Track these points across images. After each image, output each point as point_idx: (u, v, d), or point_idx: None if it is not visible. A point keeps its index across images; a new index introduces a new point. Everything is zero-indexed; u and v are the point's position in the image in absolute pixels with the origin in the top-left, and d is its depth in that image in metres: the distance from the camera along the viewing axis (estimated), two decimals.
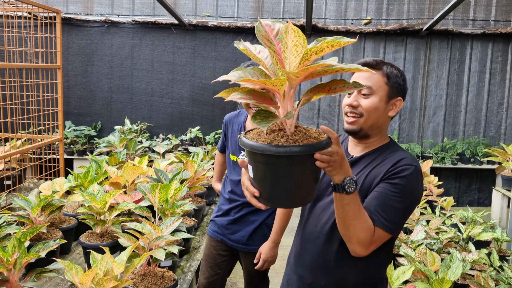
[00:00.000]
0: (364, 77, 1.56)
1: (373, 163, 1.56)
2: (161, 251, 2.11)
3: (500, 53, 6.56)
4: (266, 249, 2.40)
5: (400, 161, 1.51)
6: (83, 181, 3.24)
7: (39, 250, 2.03)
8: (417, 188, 1.50)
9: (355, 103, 1.55)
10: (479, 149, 6.39)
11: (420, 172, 1.52)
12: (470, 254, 2.59)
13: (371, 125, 1.56)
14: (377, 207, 1.44)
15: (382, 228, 1.43)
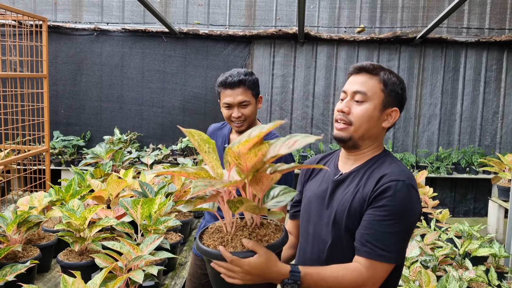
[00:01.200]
0: (359, 82, 1.44)
1: (360, 180, 1.42)
2: (139, 273, 1.98)
3: (495, 61, 6.49)
4: None
5: (383, 178, 1.35)
6: (64, 195, 3.11)
7: (6, 273, 1.90)
8: (409, 206, 1.31)
9: (346, 109, 1.42)
10: (474, 159, 6.30)
11: (411, 186, 1.34)
12: (467, 272, 2.47)
13: (362, 135, 1.43)
14: (369, 238, 1.29)
15: (379, 260, 1.27)
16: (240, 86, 2.22)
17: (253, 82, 2.25)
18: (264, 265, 1.15)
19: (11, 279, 1.87)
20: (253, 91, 2.26)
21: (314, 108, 6.53)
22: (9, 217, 2.68)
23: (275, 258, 1.18)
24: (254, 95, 2.27)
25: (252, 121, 2.31)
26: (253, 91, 2.26)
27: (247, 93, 2.23)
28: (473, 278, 2.43)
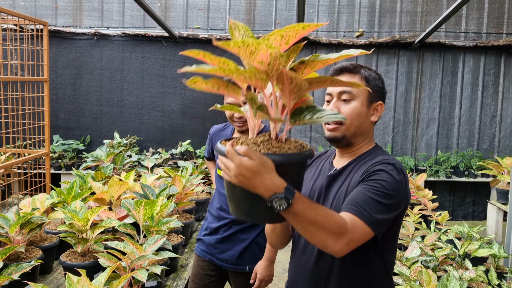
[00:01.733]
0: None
1: (352, 173, 1.47)
2: (143, 272, 1.99)
3: (493, 65, 6.54)
4: (262, 268, 2.30)
5: (377, 162, 1.41)
6: (66, 197, 3.12)
7: (12, 272, 1.91)
8: (398, 186, 1.35)
9: (336, 110, 1.46)
10: (473, 162, 6.33)
11: (401, 171, 1.39)
12: (467, 272, 2.49)
13: (354, 132, 1.48)
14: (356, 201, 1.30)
15: (362, 219, 1.26)
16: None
17: None
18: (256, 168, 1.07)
19: (16, 278, 1.88)
20: None
21: None
22: (12, 218, 2.69)
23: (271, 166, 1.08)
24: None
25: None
26: None
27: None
28: (473, 278, 2.44)
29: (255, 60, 1.00)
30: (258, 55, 0.98)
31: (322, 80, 1.08)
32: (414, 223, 3.57)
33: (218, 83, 1.08)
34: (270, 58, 0.98)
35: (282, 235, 1.50)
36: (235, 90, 1.11)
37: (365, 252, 1.40)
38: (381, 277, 1.46)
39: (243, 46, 0.97)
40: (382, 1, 6.44)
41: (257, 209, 1.13)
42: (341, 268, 1.43)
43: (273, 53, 0.97)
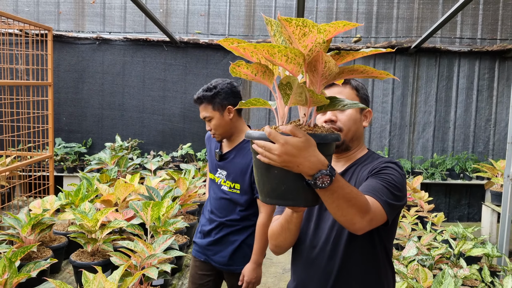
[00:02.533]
0: (336, 92, 1.57)
1: (356, 174, 1.58)
2: (153, 270, 2.09)
3: (487, 70, 6.68)
4: (249, 271, 2.35)
5: (382, 161, 1.54)
6: (74, 199, 3.22)
7: (30, 269, 2.01)
8: (400, 179, 1.49)
9: (334, 117, 1.56)
10: (468, 165, 6.46)
11: (402, 170, 1.53)
12: (462, 270, 2.60)
13: (352, 137, 1.59)
14: (369, 188, 1.41)
15: (377, 200, 1.37)
16: (201, 103, 2.32)
17: (211, 97, 2.29)
18: (303, 145, 1.10)
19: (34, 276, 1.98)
20: (214, 105, 2.29)
21: (310, 116, 6.66)
22: (23, 219, 2.79)
23: (315, 144, 1.12)
24: (216, 108, 2.30)
25: (224, 132, 2.36)
26: (214, 105, 2.29)
27: (207, 109, 2.30)
28: (468, 276, 2.55)
29: (303, 42, 1.06)
30: (307, 38, 1.05)
31: (353, 69, 1.15)
32: (410, 224, 3.68)
33: (258, 68, 1.14)
34: (313, 44, 1.06)
35: (295, 232, 1.53)
36: (269, 78, 1.17)
37: (371, 242, 1.51)
38: (385, 265, 1.57)
39: (302, 26, 1.02)
40: (379, 7, 6.57)
41: (296, 190, 1.16)
42: (352, 261, 1.52)
43: (318, 39, 1.05)
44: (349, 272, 1.53)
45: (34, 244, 2.21)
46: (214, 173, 2.49)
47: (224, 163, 2.41)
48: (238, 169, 2.36)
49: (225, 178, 2.40)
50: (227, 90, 2.33)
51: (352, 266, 1.52)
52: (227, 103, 2.31)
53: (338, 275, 1.53)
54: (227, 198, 2.39)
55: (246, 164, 2.35)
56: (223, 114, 2.32)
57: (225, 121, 2.32)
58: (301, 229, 1.61)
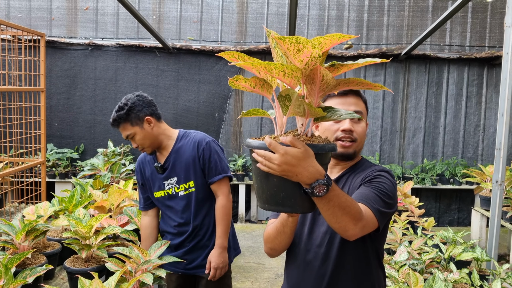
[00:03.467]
0: (353, 103, 1.64)
1: (349, 181, 1.64)
2: (149, 276, 2.11)
3: (476, 76, 6.79)
4: (215, 256, 2.34)
5: (375, 169, 1.60)
6: (67, 205, 3.23)
7: (26, 276, 2.02)
8: (392, 188, 1.55)
9: (352, 128, 1.62)
10: (457, 170, 6.54)
11: (394, 178, 1.60)
12: (452, 274, 2.65)
13: (361, 148, 1.68)
14: (361, 196, 1.47)
15: (369, 208, 1.43)
16: (118, 125, 2.33)
17: (126, 114, 2.29)
18: (302, 156, 1.14)
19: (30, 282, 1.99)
20: (131, 121, 2.30)
21: None
22: (17, 225, 2.79)
23: (313, 154, 1.17)
24: (135, 123, 2.30)
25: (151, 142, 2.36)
26: (131, 121, 2.30)
27: (126, 127, 2.32)
28: (457, 280, 2.60)
29: (298, 57, 1.11)
30: (302, 54, 1.09)
31: (350, 81, 1.20)
32: (401, 229, 3.73)
33: (256, 82, 1.18)
34: (309, 59, 1.10)
35: (290, 235, 1.57)
36: (268, 90, 1.21)
37: (364, 246, 1.57)
38: (376, 268, 1.63)
39: (295, 43, 1.07)
40: (369, 15, 6.66)
41: (293, 197, 1.21)
42: (344, 264, 1.57)
43: (313, 54, 1.09)
44: (342, 275, 1.57)
45: (30, 251, 2.22)
46: (163, 188, 2.44)
47: (169, 172, 2.40)
48: (183, 169, 2.38)
49: (177, 184, 2.40)
50: (139, 102, 2.34)
51: (345, 269, 1.57)
52: (144, 115, 2.32)
53: (331, 278, 1.57)
54: (188, 200, 2.40)
55: (187, 160, 2.37)
56: (143, 126, 2.32)
57: (148, 132, 2.33)
58: (296, 233, 1.65)
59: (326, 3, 6.64)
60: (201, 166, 2.37)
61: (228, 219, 2.39)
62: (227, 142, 6.80)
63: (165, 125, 2.45)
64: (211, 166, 2.36)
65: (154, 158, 2.47)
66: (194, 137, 2.42)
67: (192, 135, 2.44)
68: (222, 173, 2.38)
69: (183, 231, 2.44)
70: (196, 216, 2.42)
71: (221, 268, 2.35)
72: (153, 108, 2.39)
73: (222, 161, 2.42)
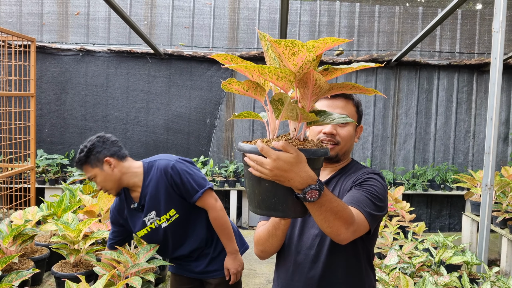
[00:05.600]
0: (340, 106, 1.63)
1: (340, 183, 1.64)
2: (137, 279, 2.09)
3: (466, 83, 6.85)
4: (231, 262, 2.38)
5: (365, 172, 1.61)
6: (56, 210, 3.20)
7: (12, 280, 1.99)
8: (382, 190, 1.55)
9: (334, 132, 1.62)
10: (448, 176, 6.58)
11: (384, 180, 1.60)
12: (442, 277, 2.65)
13: (345, 151, 1.66)
14: (352, 199, 1.47)
15: (360, 211, 1.42)
16: (81, 167, 2.30)
17: (85, 157, 2.26)
18: (294, 161, 1.14)
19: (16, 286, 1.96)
20: (90, 163, 2.27)
21: None
22: (5, 230, 2.76)
23: (305, 159, 1.16)
24: (95, 165, 2.27)
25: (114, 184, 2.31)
26: (90, 163, 2.27)
27: (87, 169, 2.29)
28: (448, 283, 2.60)
29: (292, 61, 1.10)
30: (297, 57, 1.09)
31: (343, 86, 1.20)
32: (392, 234, 3.73)
33: (249, 85, 1.18)
34: (303, 62, 1.10)
35: (282, 238, 1.57)
36: (261, 93, 1.21)
37: (354, 248, 1.56)
38: (367, 269, 1.63)
39: (291, 46, 1.07)
40: (360, 22, 6.71)
41: (285, 202, 1.20)
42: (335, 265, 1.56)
43: (308, 57, 1.09)
44: (332, 276, 1.57)
45: (16, 255, 2.19)
46: (144, 226, 2.38)
47: (147, 208, 2.34)
48: (161, 201, 2.32)
49: (158, 217, 2.35)
50: (98, 144, 2.30)
51: (335, 271, 1.57)
52: (103, 156, 2.28)
53: (322, 280, 1.56)
54: (175, 229, 2.36)
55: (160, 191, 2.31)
56: (103, 167, 2.28)
57: (108, 173, 2.29)
58: (286, 235, 1.64)
59: (317, 10, 6.69)
60: (177, 193, 2.31)
61: (226, 227, 2.37)
62: (219, 148, 6.79)
63: (129, 162, 2.37)
64: (186, 188, 2.29)
65: (129, 199, 2.41)
66: (158, 166, 2.33)
67: (156, 164, 2.36)
68: (200, 189, 2.31)
69: (180, 256, 2.44)
70: (187, 238, 2.40)
71: (239, 271, 2.41)
72: (114, 149, 2.33)
73: (195, 176, 2.34)
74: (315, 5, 6.70)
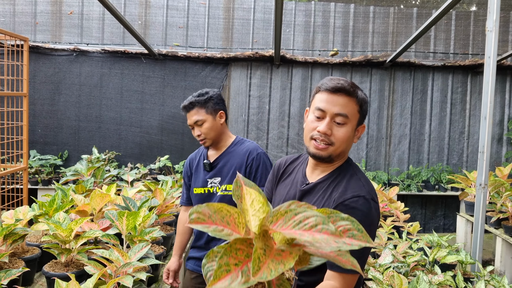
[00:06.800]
0: (340, 104, 1.49)
1: (326, 191, 1.52)
2: (128, 278, 2.06)
3: (460, 84, 6.86)
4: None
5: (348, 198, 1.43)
6: (48, 209, 3.16)
7: (1, 278, 1.96)
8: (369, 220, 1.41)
9: (329, 131, 1.49)
10: (443, 176, 6.58)
11: (372, 201, 1.45)
12: (436, 276, 2.64)
13: (340, 153, 1.53)
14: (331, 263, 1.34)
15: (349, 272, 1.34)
16: (193, 108, 2.41)
17: (205, 101, 2.41)
18: None
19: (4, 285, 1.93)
20: (207, 109, 2.41)
21: (290, 128, 6.73)
22: None
23: None
24: (209, 112, 2.41)
25: (215, 135, 2.47)
26: (207, 109, 2.41)
27: (200, 113, 2.41)
28: (442, 282, 2.59)
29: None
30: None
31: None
32: (387, 234, 3.72)
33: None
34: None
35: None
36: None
37: None
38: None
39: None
40: (355, 22, 6.71)
41: None
42: None
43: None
44: None
45: (6, 253, 2.16)
46: (204, 185, 2.52)
47: (215, 170, 2.48)
48: (230, 172, 2.44)
49: (219, 184, 2.47)
50: (218, 96, 2.47)
51: None
52: (219, 108, 2.45)
53: None
54: (222, 201, 2.43)
55: (238, 164, 2.43)
56: (216, 118, 2.43)
57: (217, 125, 2.44)
58: None
59: (312, 10, 6.68)
60: (246, 175, 2.42)
61: None
62: None
63: (228, 129, 2.57)
64: (256, 177, 2.41)
65: (205, 155, 2.56)
66: (248, 146, 2.50)
67: (246, 143, 2.53)
68: (260, 186, 2.36)
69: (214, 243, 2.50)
70: None
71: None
72: (225, 108, 2.52)
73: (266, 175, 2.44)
74: (310, 5, 6.70)
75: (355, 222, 0.94)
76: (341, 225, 0.94)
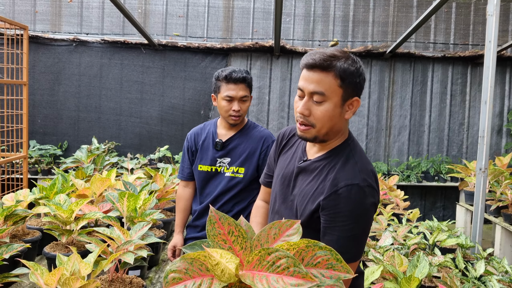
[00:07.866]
0: (315, 81, 1.37)
1: (322, 172, 1.45)
2: (130, 255, 2.07)
3: (460, 75, 6.86)
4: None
5: (340, 184, 1.37)
6: (48, 193, 3.16)
7: (3, 253, 1.96)
8: (365, 208, 1.35)
9: (307, 112, 1.39)
10: (442, 167, 6.59)
11: (367, 188, 1.36)
12: (436, 258, 2.65)
13: (326, 132, 1.42)
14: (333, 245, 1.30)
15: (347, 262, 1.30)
16: (243, 82, 2.38)
17: (251, 81, 2.45)
18: None
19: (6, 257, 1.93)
20: (251, 89, 2.45)
21: (290, 119, 6.73)
22: None
23: None
24: (250, 92, 2.45)
25: (245, 113, 2.50)
26: (251, 89, 2.45)
27: (247, 90, 2.41)
28: (442, 263, 2.60)
29: None
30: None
31: None
32: (387, 220, 3.73)
33: None
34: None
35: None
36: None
37: None
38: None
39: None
40: (355, 12, 6.70)
41: None
42: None
43: None
44: None
45: (7, 228, 2.16)
46: (213, 164, 2.50)
47: (226, 151, 2.46)
48: (243, 154, 2.44)
49: (228, 165, 2.46)
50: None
51: None
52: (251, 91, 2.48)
53: None
54: (230, 184, 2.45)
55: (252, 149, 2.43)
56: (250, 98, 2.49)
57: (250, 103, 2.48)
58: None
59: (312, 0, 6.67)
60: (259, 161, 2.43)
61: None
62: None
63: None
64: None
65: (215, 134, 2.53)
66: (262, 132, 2.51)
67: (260, 128, 2.54)
68: None
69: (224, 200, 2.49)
70: (230, 201, 2.47)
71: None
72: None
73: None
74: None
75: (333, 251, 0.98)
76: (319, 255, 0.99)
